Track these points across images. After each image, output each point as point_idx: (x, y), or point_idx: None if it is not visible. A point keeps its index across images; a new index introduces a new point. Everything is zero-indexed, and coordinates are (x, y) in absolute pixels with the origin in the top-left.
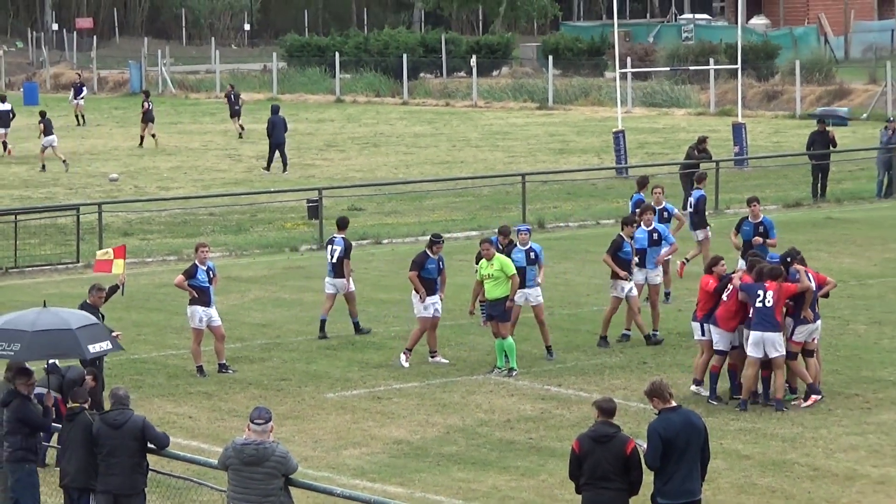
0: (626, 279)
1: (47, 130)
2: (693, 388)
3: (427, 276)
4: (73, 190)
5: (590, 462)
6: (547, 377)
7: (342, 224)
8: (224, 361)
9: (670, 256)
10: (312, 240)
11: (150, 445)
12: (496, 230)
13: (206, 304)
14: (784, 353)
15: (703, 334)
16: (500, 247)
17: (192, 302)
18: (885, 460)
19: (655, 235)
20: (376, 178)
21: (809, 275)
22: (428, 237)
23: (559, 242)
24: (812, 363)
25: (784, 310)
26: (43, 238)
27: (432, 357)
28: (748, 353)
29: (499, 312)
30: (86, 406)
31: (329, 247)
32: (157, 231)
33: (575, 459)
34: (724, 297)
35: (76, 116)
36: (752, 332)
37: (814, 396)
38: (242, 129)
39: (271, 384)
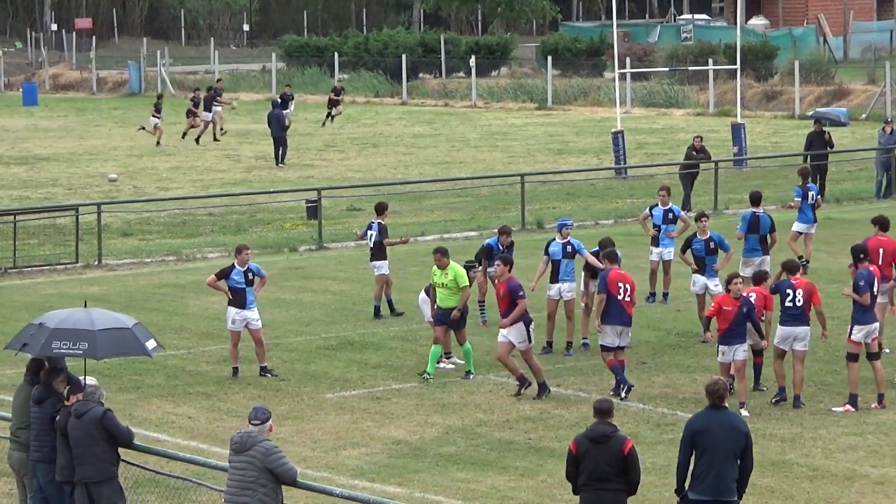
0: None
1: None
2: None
3: None
4: (72, 190)
5: (587, 462)
6: (546, 377)
7: (380, 209)
8: (265, 364)
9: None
10: (311, 240)
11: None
12: (496, 230)
13: (241, 305)
14: (807, 348)
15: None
16: (501, 247)
17: (229, 303)
18: (884, 460)
19: (712, 244)
20: (375, 178)
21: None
22: (427, 238)
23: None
24: (878, 366)
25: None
26: (42, 238)
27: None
28: (775, 345)
29: (453, 321)
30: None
31: (368, 231)
32: (156, 231)
33: (572, 460)
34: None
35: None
36: (780, 328)
37: (848, 406)
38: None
39: (270, 384)
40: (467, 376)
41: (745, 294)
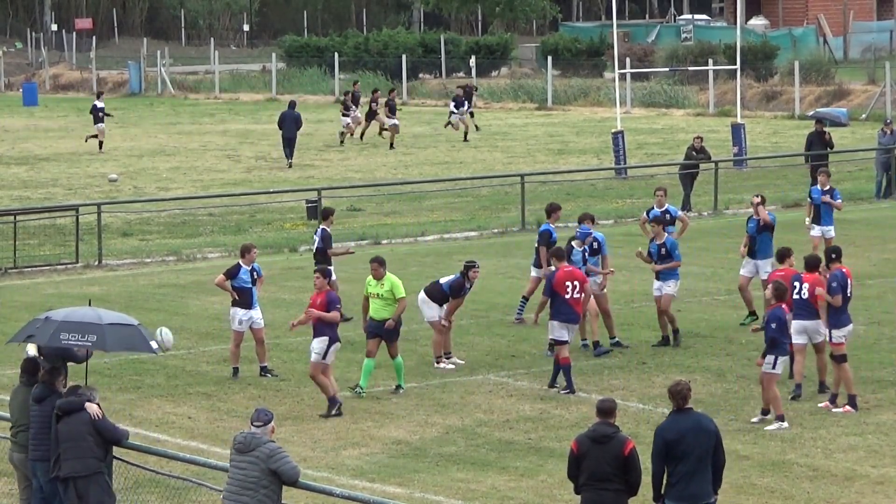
0: None
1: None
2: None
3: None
4: (73, 190)
5: (588, 462)
6: (546, 377)
7: (324, 214)
8: (265, 364)
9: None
10: (311, 240)
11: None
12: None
13: (248, 305)
14: (824, 339)
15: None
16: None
17: (233, 303)
18: (884, 461)
19: (664, 251)
20: (375, 178)
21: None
22: (427, 238)
23: (558, 243)
24: (845, 367)
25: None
26: (42, 238)
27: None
28: (794, 341)
29: (386, 332)
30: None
31: (314, 237)
32: (156, 231)
33: (573, 460)
34: None
35: (465, 131)
36: (793, 322)
37: (847, 406)
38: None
39: (270, 384)
40: (397, 391)
41: (778, 305)
